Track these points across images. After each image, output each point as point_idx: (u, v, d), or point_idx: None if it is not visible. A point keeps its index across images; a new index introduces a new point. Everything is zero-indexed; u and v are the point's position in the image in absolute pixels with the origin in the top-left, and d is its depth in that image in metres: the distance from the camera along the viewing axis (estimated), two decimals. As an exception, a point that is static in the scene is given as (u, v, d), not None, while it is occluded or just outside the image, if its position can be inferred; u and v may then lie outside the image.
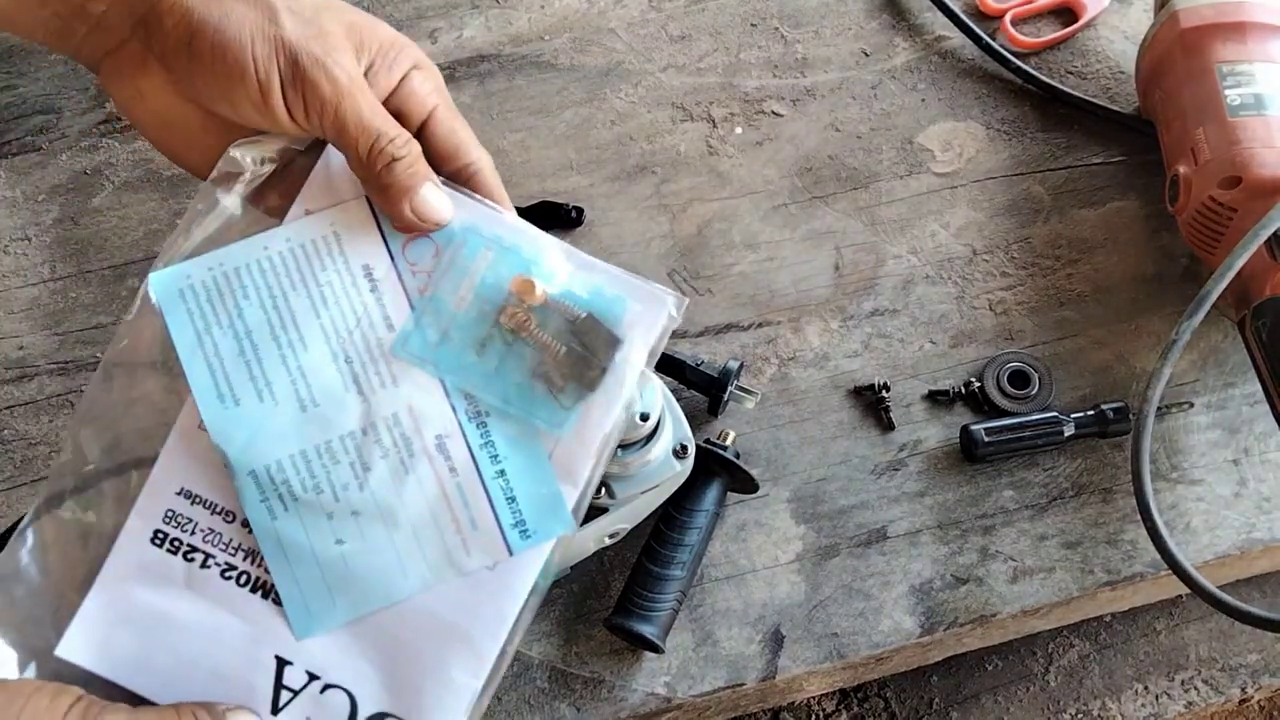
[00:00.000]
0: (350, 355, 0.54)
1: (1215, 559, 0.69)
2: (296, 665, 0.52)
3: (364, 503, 0.53)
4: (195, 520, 0.53)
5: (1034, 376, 0.73)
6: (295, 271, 0.55)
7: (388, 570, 0.52)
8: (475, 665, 0.52)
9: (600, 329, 0.55)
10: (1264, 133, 0.69)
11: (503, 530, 0.53)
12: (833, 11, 0.87)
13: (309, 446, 0.53)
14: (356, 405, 0.54)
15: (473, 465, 0.53)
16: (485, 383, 0.54)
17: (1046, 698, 0.73)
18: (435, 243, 0.56)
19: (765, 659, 0.66)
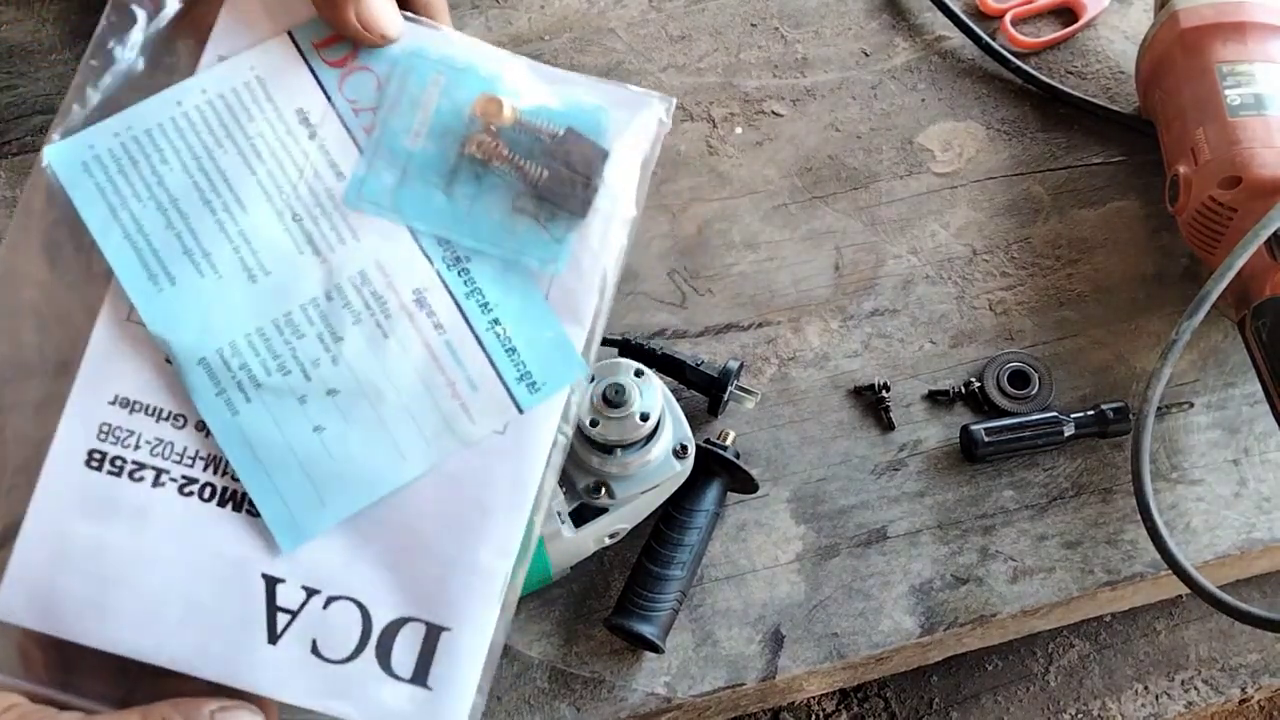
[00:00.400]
0: (298, 212, 0.47)
1: (1215, 559, 0.69)
2: (290, 582, 0.44)
3: (340, 378, 0.46)
4: (138, 431, 0.45)
5: (1034, 376, 0.73)
6: (219, 126, 0.47)
7: (380, 453, 0.45)
8: (502, 542, 0.45)
9: (583, 142, 0.48)
10: (1264, 133, 0.69)
11: (507, 386, 0.46)
12: (833, 11, 0.87)
13: (266, 322, 0.46)
14: (315, 268, 0.46)
15: (461, 318, 0.47)
16: (459, 224, 0.47)
17: (1046, 698, 0.73)
18: (375, 73, 0.49)
19: (765, 659, 0.66)
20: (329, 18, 0.48)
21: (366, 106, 0.48)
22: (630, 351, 0.70)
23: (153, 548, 0.44)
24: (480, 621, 0.45)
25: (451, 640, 0.44)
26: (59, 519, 0.44)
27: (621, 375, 0.62)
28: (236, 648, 0.44)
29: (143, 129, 0.47)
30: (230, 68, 0.48)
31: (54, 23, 0.85)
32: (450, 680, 0.44)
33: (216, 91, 0.48)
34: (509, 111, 0.47)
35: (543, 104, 0.48)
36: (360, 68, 0.49)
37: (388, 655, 0.44)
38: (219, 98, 0.48)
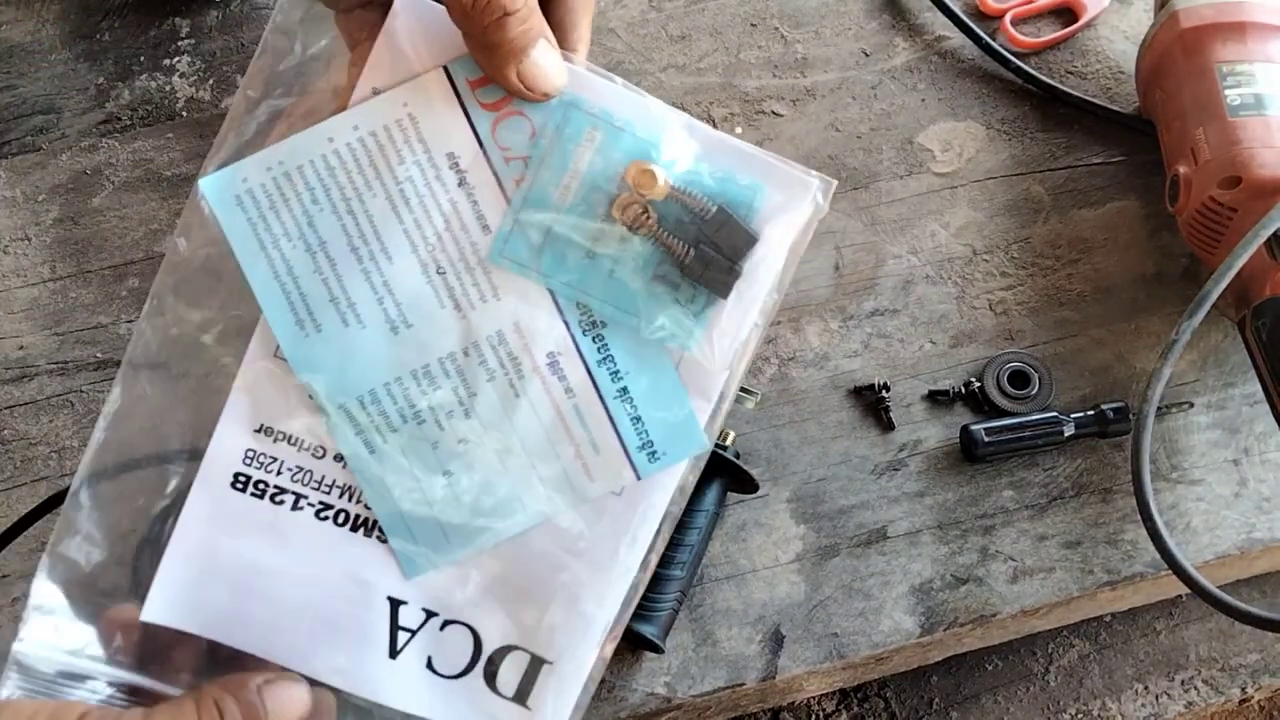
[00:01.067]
0: (442, 265, 0.47)
1: (1215, 559, 0.69)
2: (411, 604, 0.47)
3: (471, 430, 0.47)
4: (280, 458, 0.47)
5: (1034, 376, 0.73)
6: (369, 167, 0.47)
7: (502, 502, 0.47)
8: (607, 596, 0.47)
9: (734, 224, 0.46)
10: (1264, 133, 0.69)
11: (628, 453, 0.47)
12: (833, 11, 0.87)
13: (404, 373, 0.47)
14: (455, 323, 0.47)
15: (591, 385, 0.47)
16: (599, 289, 0.47)
17: (1046, 698, 0.73)
18: (531, 122, 0.47)
19: (765, 659, 0.66)
20: (491, 73, 0.46)
21: (518, 155, 0.47)
22: (630, 351, 0.70)
23: (289, 565, 0.47)
24: (579, 661, 0.47)
25: (551, 672, 0.47)
26: (205, 534, 0.47)
27: (622, 375, 0.62)
28: (361, 659, 0.47)
29: (294, 165, 0.47)
30: (383, 103, 0.47)
31: (54, 23, 0.85)
32: (548, 705, 0.47)
33: (368, 129, 0.47)
34: (662, 184, 0.46)
35: (696, 175, 0.47)
36: (515, 113, 0.47)
37: (494, 675, 0.47)
38: (370, 135, 0.47)
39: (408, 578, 0.47)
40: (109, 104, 0.82)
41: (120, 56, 0.84)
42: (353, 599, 0.47)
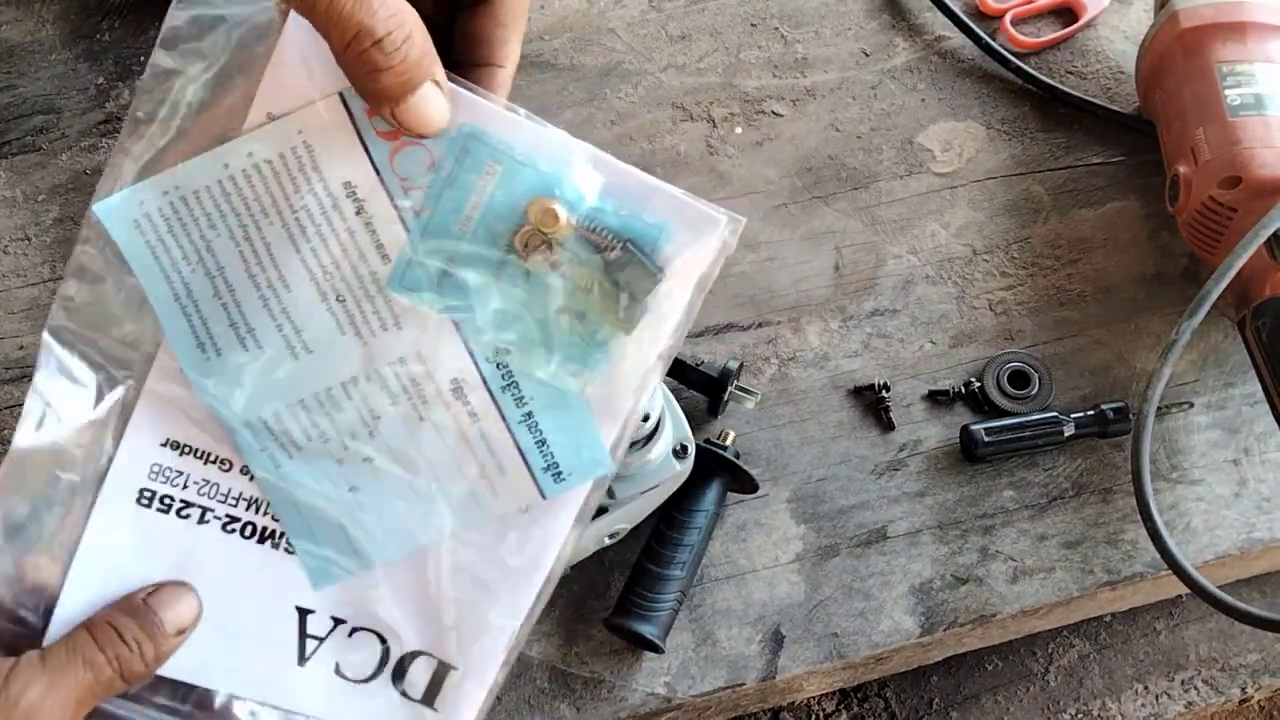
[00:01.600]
0: (341, 293, 0.46)
1: (1215, 559, 0.69)
2: (319, 612, 0.48)
3: (375, 450, 0.48)
4: (186, 472, 0.47)
5: (1034, 376, 0.73)
6: (265, 195, 0.46)
7: (408, 517, 0.48)
8: (513, 607, 0.48)
9: (637, 264, 0.46)
10: (1264, 133, 0.69)
11: (533, 475, 0.48)
12: (833, 11, 0.87)
13: (306, 395, 0.47)
14: (356, 350, 0.47)
15: (495, 410, 0.47)
16: (503, 321, 0.47)
17: (1046, 698, 0.73)
18: (430, 152, 0.46)
19: (765, 659, 0.66)
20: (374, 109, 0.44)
21: (417, 185, 0.46)
22: (630, 351, 0.70)
23: (196, 580, 0.48)
24: (484, 669, 0.48)
25: (457, 678, 0.48)
26: (109, 552, 0.47)
27: (621, 375, 0.62)
28: (269, 668, 0.48)
29: (191, 190, 0.46)
30: (278, 129, 0.46)
31: (54, 23, 0.85)
32: (454, 708, 0.48)
33: (263, 156, 0.46)
34: (564, 222, 0.46)
35: (601, 211, 0.46)
36: (414, 143, 0.46)
37: (402, 678, 0.48)
38: (265, 162, 0.46)
39: (316, 588, 0.48)
40: (109, 104, 0.82)
41: (120, 56, 0.84)
42: (261, 610, 0.48)
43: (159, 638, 0.45)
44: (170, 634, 0.45)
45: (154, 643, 0.45)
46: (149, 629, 0.45)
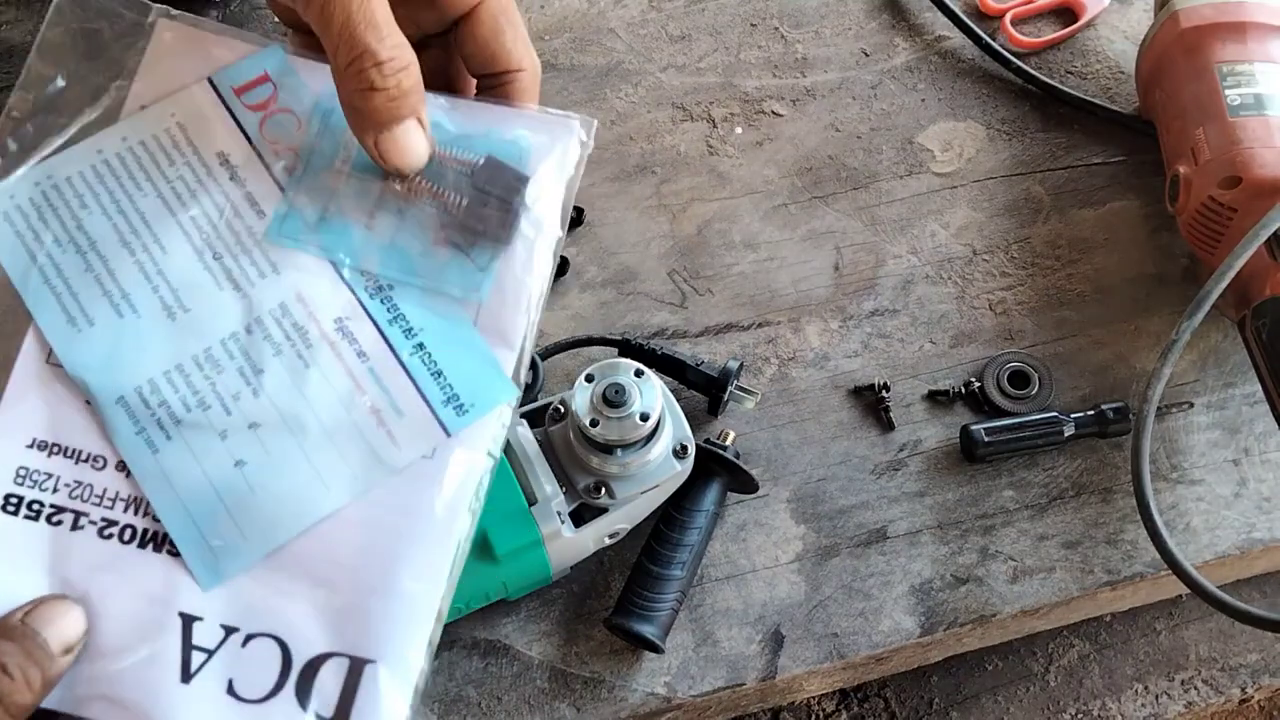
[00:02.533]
0: (218, 250, 0.47)
1: (1215, 559, 0.69)
2: (208, 619, 0.43)
3: (262, 411, 0.45)
4: (56, 474, 0.44)
5: (1034, 376, 0.73)
6: (139, 171, 0.48)
7: (304, 485, 0.44)
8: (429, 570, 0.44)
9: (503, 169, 0.48)
10: (1264, 133, 0.69)
11: (434, 410, 0.46)
12: (833, 11, 0.87)
13: (185, 358, 0.46)
14: (234, 302, 0.46)
15: (384, 344, 0.46)
16: (382, 256, 0.47)
17: (1046, 698, 0.73)
18: (296, 114, 0.49)
19: (765, 659, 0.66)
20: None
21: (289, 146, 0.49)
22: (630, 351, 0.70)
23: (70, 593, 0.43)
24: (405, 651, 0.43)
25: (375, 673, 0.43)
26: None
27: (621, 375, 0.62)
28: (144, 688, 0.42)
29: (63, 176, 0.48)
30: (150, 114, 0.49)
31: (54, 23, 0.85)
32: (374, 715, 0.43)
33: (137, 139, 0.48)
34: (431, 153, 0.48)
35: (461, 136, 0.49)
36: (281, 110, 0.49)
37: (307, 694, 0.43)
38: (140, 144, 0.48)
39: (205, 589, 0.44)
40: (109, 104, 0.82)
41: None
42: (141, 621, 0.43)
43: (45, 660, 0.40)
44: (57, 654, 0.41)
45: (40, 667, 0.40)
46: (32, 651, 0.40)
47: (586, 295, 0.76)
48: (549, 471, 0.63)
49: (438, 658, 0.65)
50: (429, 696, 0.65)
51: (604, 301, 0.76)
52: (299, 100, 0.49)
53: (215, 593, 0.44)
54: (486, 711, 0.65)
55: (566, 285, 0.77)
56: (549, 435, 0.64)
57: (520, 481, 0.62)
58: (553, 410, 0.65)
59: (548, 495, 0.62)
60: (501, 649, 0.66)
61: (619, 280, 0.77)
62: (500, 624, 0.67)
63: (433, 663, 0.45)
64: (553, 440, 0.64)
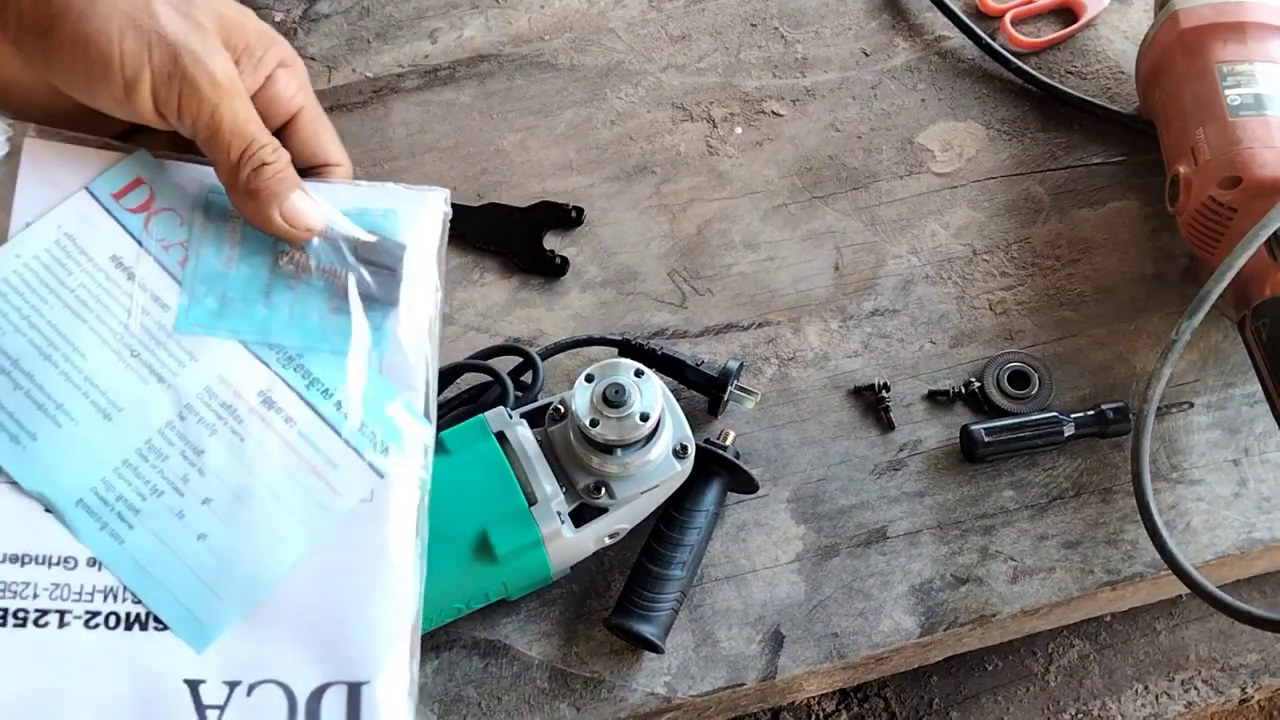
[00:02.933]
0: (135, 348, 0.50)
1: (1215, 559, 0.69)
2: (210, 681, 0.47)
3: (210, 487, 0.49)
4: (33, 581, 0.47)
5: (1034, 376, 0.73)
6: (40, 285, 0.50)
7: (264, 545, 0.48)
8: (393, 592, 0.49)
9: (383, 241, 0.54)
10: (1264, 133, 0.69)
11: (363, 456, 0.51)
12: (833, 11, 0.87)
13: (130, 453, 0.49)
14: (162, 394, 0.50)
15: (306, 406, 0.51)
16: (285, 329, 0.52)
17: (1046, 698, 0.73)
18: (177, 212, 0.53)
19: (765, 659, 0.66)
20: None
21: (176, 242, 0.52)
22: (630, 351, 0.70)
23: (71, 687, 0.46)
24: (393, 667, 0.48)
25: (372, 692, 0.47)
26: None
27: (621, 375, 0.62)
28: None
29: None
30: (38, 230, 0.51)
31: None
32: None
33: (31, 254, 0.50)
34: None
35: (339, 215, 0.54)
36: (162, 209, 0.53)
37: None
38: (34, 259, 0.50)
39: (199, 651, 0.47)
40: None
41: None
42: (149, 696, 0.46)
43: None
44: None
45: None
46: None
47: (586, 295, 0.76)
48: (549, 471, 0.63)
49: (438, 658, 0.65)
50: (429, 696, 0.65)
51: (604, 301, 0.76)
52: (177, 198, 0.53)
53: (209, 655, 0.47)
54: (486, 711, 0.65)
55: (566, 285, 0.77)
56: (549, 435, 0.64)
57: (520, 481, 0.62)
58: (553, 410, 0.65)
59: (548, 495, 0.62)
60: (501, 649, 0.66)
61: (619, 280, 0.77)
62: (500, 624, 0.67)
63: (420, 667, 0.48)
64: (553, 440, 0.64)
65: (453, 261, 0.77)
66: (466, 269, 0.77)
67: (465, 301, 0.76)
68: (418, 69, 0.85)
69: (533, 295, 0.76)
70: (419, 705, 0.64)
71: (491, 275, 0.77)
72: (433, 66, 0.85)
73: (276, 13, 0.87)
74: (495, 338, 0.75)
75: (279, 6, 0.87)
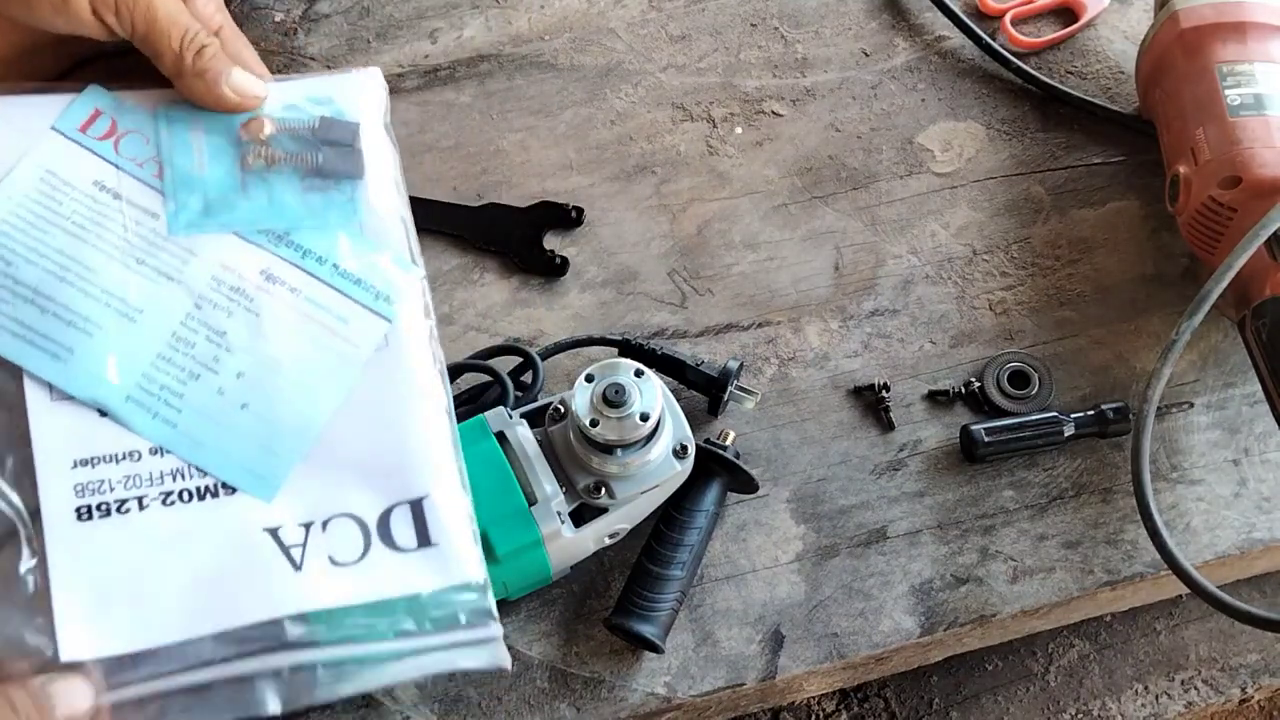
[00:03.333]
0: (138, 256, 0.55)
1: (1215, 559, 0.69)
2: (286, 525, 0.52)
3: (240, 362, 0.54)
4: (107, 478, 0.52)
5: (1034, 376, 0.73)
6: (38, 219, 0.55)
7: (302, 403, 0.54)
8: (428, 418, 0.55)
9: (336, 123, 0.59)
10: (1264, 133, 0.69)
11: (370, 308, 0.56)
12: (833, 11, 0.87)
13: (161, 347, 0.54)
14: (175, 290, 0.55)
15: (307, 275, 0.56)
16: (269, 215, 0.57)
17: (1046, 698, 0.73)
18: (141, 132, 0.58)
19: (765, 659, 0.66)
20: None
21: (147, 158, 0.57)
22: (630, 351, 0.70)
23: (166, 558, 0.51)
24: (444, 478, 0.54)
25: (433, 503, 0.53)
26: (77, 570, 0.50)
27: (621, 375, 0.62)
28: (270, 587, 0.51)
29: None
30: (21, 174, 0.55)
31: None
32: (448, 532, 0.53)
33: (21, 194, 0.55)
34: (269, 126, 0.58)
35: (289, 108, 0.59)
36: (127, 132, 0.57)
37: (391, 539, 0.52)
38: (25, 198, 0.55)
39: (269, 501, 0.52)
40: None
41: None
42: (236, 550, 0.51)
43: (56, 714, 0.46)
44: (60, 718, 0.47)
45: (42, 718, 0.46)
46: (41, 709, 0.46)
47: (586, 295, 0.76)
48: (549, 471, 0.63)
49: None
50: (429, 696, 0.65)
51: (604, 301, 0.76)
52: (137, 120, 0.58)
53: (278, 504, 0.52)
54: (486, 711, 0.65)
55: (566, 285, 0.77)
56: (549, 435, 0.64)
57: (520, 481, 0.62)
58: (553, 410, 0.65)
59: (548, 495, 0.62)
60: (501, 649, 0.66)
61: (619, 280, 0.77)
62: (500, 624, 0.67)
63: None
64: (553, 440, 0.64)
65: (453, 261, 0.77)
66: (466, 269, 0.77)
67: (465, 301, 0.76)
68: (418, 69, 0.85)
69: (533, 295, 0.76)
70: (419, 705, 0.64)
71: (491, 275, 0.77)
72: (433, 66, 0.85)
73: (276, 13, 0.87)
74: (495, 338, 0.75)
75: (279, 6, 0.87)
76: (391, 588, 0.52)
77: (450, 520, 0.53)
